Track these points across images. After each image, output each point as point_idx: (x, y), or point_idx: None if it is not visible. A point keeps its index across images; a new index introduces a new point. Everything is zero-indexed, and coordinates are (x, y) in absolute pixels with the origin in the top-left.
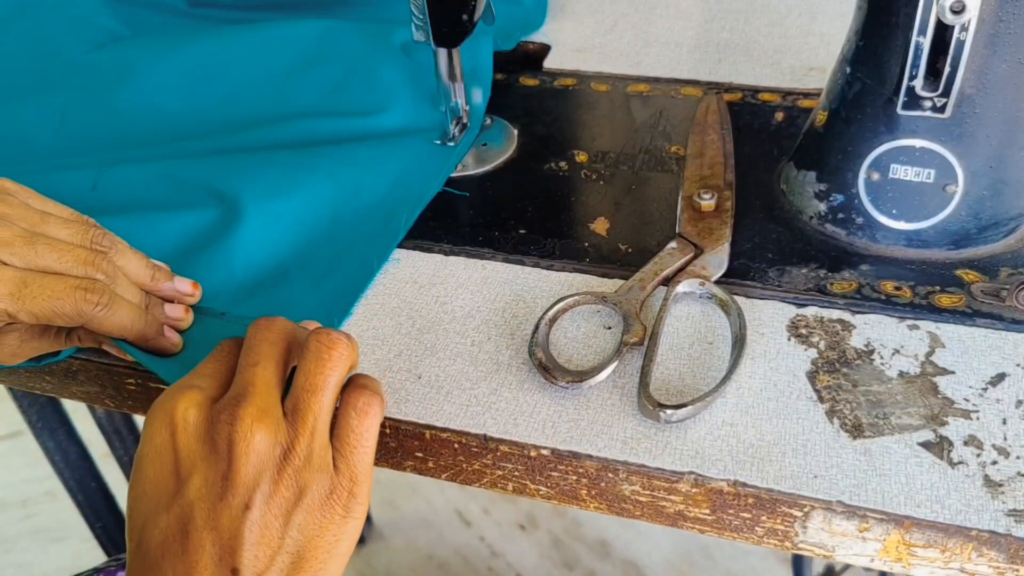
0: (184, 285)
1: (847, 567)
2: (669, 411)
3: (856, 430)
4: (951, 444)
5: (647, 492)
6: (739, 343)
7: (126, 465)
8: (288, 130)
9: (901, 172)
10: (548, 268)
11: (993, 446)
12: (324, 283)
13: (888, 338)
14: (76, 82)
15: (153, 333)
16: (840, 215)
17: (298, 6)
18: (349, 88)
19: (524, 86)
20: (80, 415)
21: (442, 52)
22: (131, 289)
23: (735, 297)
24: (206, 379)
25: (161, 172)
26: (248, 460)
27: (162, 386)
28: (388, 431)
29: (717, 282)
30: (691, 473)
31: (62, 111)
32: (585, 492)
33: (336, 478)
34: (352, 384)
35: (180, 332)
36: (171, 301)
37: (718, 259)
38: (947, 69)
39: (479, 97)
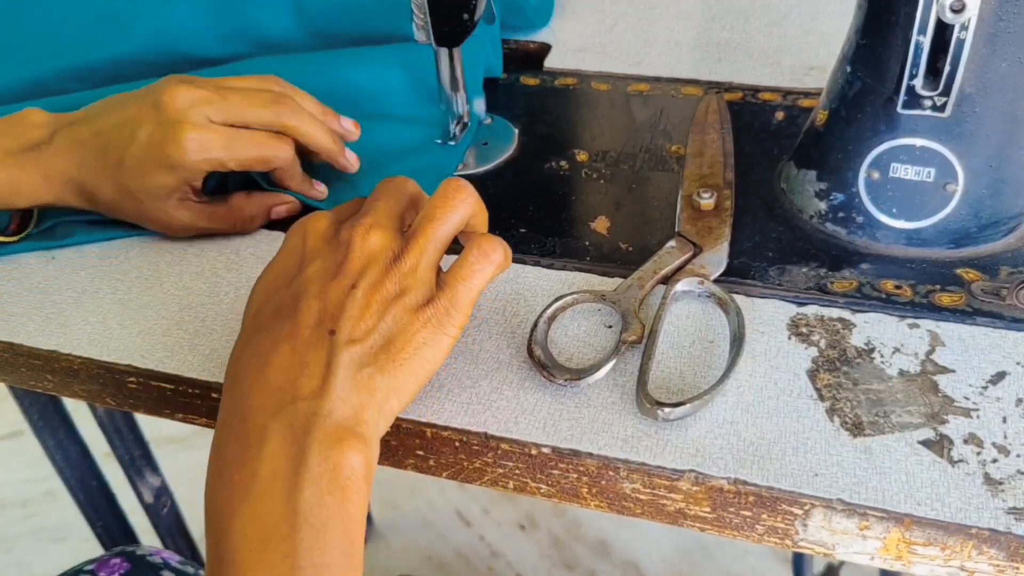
0: (348, 123)
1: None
2: (667, 409)
3: (856, 428)
4: (951, 442)
5: (648, 490)
6: (737, 342)
7: (127, 464)
8: None
9: (901, 171)
10: (549, 267)
11: (993, 444)
12: None
13: (888, 337)
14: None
15: (338, 149)
16: (840, 214)
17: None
18: (349, 88)
19: (525, 85)
20: (81, 414)
21: (443, 51)
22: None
23: (734, 296)
24: (339, 212)
25: None
26: (361, 253)
27: (164, 385)
28: (389, 430)
29: (716, 281)
30: (692, 471)
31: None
32: (586, 490)
33: (437, 294)
34: (486, 234)
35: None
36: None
37: (717, 258)
38: (947, 68)
39: (480, 105)
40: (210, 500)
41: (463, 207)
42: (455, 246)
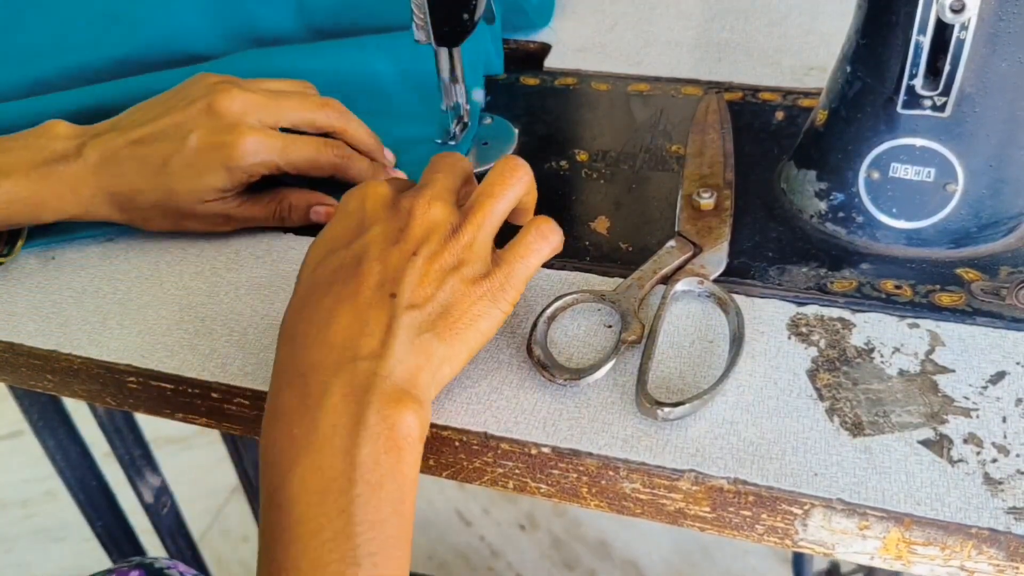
0: (390, 155)
1: (858, 569)
2: (667, 409)
3: (856, 428)
4: (951, 442)
5: (648, 490)
6: (737, 342)
7: (127, 464)
8: None
9: (901, 171)
10: (549, 267)
11: (993, 444)
12: None
13: (888, 336)
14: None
15: (379, 147)
16: (840, 214)
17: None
18: (349, 88)
19: (525, 85)
20: (81, 414)
21: (443, 51)
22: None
23: (733, 296)
24: (394, 183)
25: None
26: (423, 222)
27: (164, 385)
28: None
29: (716, 281)
30: (692, 471)
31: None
32: (586, 490)
33: (493, 269)
34: (544, 217)
35: None
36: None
37: (717, 258)
38: (947, 68)
39: (480, 96)
40: (268, 450)
41: (519, 185)
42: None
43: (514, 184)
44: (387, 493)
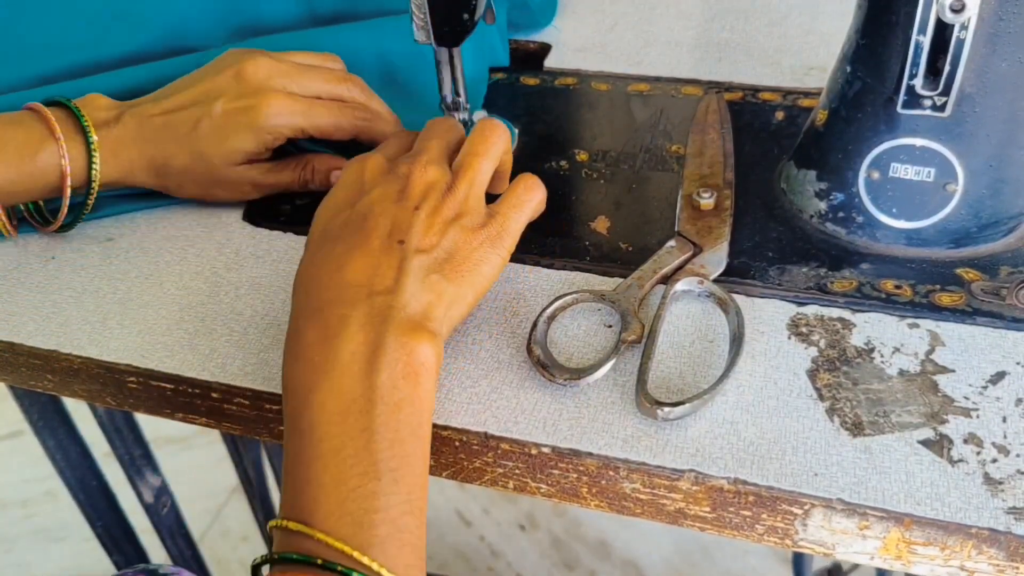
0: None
1: (856, 567)
2: (666, 409)
3: (856, 428)
4: (951, 442)
5: (648, 490)
6: (737, 341)
7: (127, 464)
8: None
9: (901, 171)
10: (549, 267)
11: (993, 444)
12: None
13: (888, 336)
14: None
15: (395, 120)
16: (840, 214)
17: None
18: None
19: (525, 85)
20: (81, 414)
21: (443, 51)
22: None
23: (734, 295)
24: (386, 149)
25: None
26: (420, 183)
27: (164, 385)
28: None
29: (716, 280)
30: (692, 471)
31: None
32: (586, 490)
33: (488, 220)
34: (528, 174)
35: None
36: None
37: (717, 257)
38: (947, 68)
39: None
40: (289, 380)
41: (500, 143)
42: None
43: (496, 142)
44: (405, 416)
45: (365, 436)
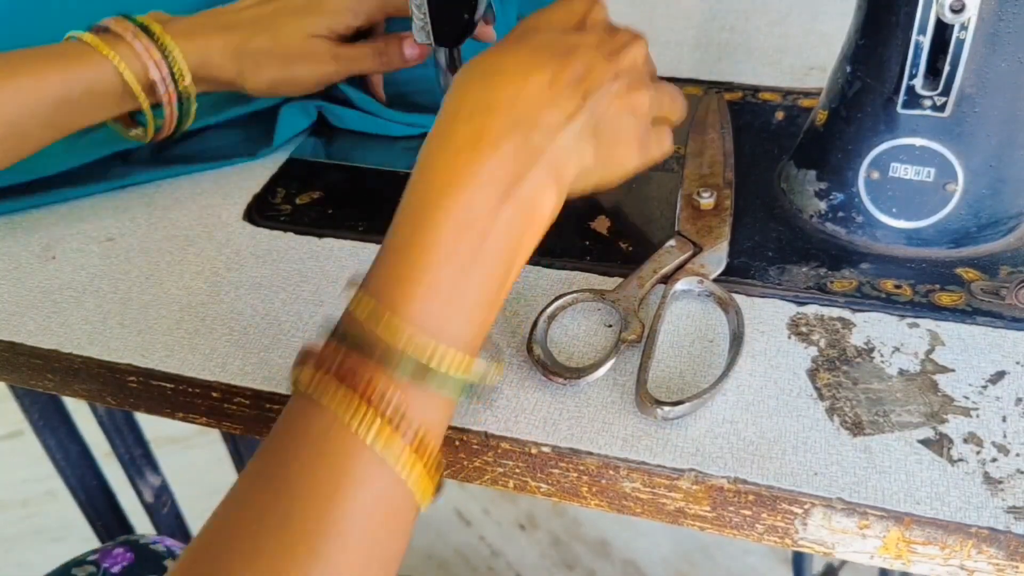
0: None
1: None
2: (666, 408)
3: (856, 427)
4: (951, 441)
5: (648, 489)
6: (737, 341)
7: (127, 464)
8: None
9: (901, 171)
10: (549, 266)
11: (993, 443)
12: None
13: (888, 336)
14: None
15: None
16: (840, 213)
17: None
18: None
19: None
20: (81, 414)
21: (443, 51)
22: None
23: (734, 295)
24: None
25: None
26: (634, 58)
27: (165, 384)
28: None
29: (716, 280)
30: (692, 470)
31: None
32: (586, 489)
33: (656, 137)
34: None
35: None
36: None
37: (716, 257)
38: (947, 68)
39: None
40: (424, 171)
41: (684, 108)
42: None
43: (683, 107)
44: (505, 257)
45: (468, 256)
